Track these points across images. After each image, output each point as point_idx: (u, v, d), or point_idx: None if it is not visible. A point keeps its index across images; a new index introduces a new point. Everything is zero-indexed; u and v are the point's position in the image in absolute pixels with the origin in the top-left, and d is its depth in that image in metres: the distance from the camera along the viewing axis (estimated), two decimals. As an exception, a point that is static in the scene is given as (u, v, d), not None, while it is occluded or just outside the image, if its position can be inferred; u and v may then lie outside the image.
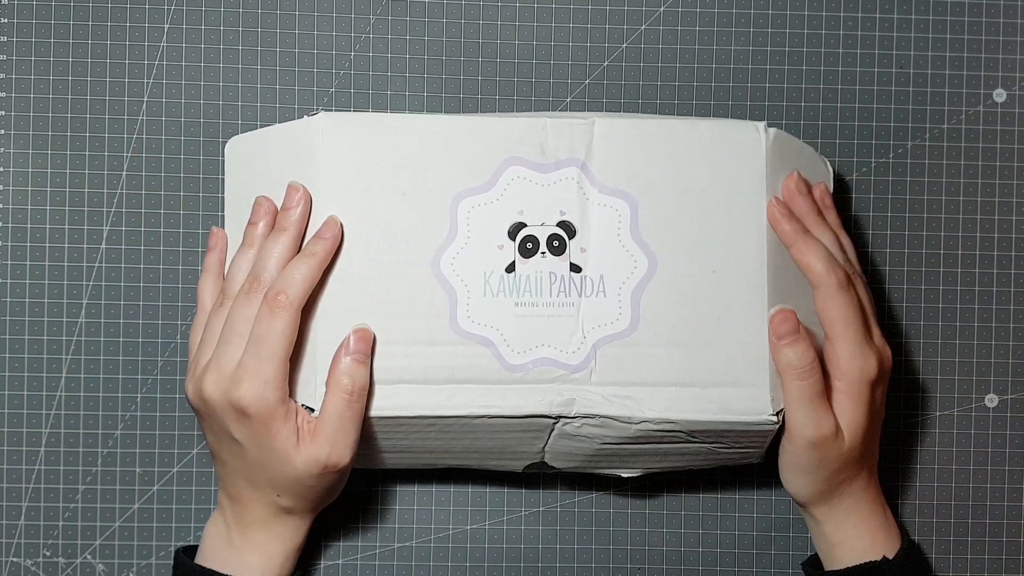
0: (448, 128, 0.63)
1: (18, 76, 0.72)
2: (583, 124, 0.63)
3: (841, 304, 0.62)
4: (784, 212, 0.63)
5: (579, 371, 0.62)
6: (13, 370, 0.72)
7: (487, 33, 0.73)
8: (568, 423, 0.62)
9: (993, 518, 0.75)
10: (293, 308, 0.59)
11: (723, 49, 0.74)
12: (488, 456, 0.66)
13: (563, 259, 0.62)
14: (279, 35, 0.73)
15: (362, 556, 0.73)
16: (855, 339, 0.62)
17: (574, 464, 0.67)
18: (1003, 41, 0.75)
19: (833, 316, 0.62)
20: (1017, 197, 0.75)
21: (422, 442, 0.64)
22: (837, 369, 0.62)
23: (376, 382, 0.61)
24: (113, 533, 0.72)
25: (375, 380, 0.61)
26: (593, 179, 0.63)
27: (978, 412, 0.75)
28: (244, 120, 0.72)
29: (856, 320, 0.62)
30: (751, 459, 0.67)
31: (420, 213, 0.62)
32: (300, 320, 0.60)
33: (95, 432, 0.72)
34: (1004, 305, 0.75)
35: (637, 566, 0.74)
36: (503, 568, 0.73)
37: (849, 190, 0.74)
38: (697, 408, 0.62)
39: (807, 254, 0.62)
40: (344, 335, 0.61)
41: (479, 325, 0.62)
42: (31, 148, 0.72)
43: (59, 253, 0.72)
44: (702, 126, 0.64)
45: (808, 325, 0.62)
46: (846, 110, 0.74)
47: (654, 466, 0.67)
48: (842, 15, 0.74)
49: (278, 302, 0.59)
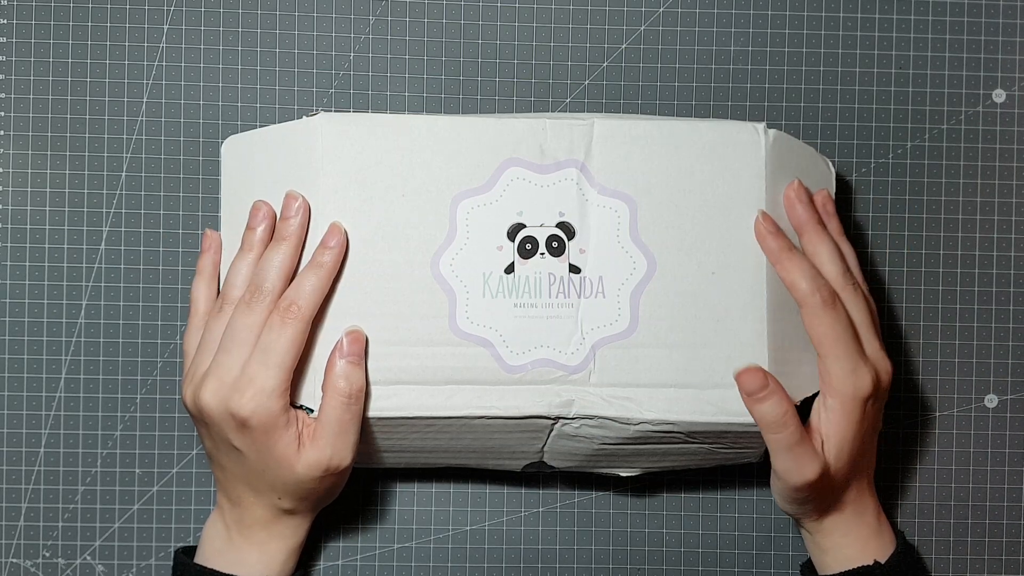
0: (447, 129, 0.63)
1: (18, 76, 0.72)
2: (582, 125, 0.63)
3: (828, 322, 0.61)
4: (770, 228, 0.62)
5: (578, 372, 0.62)
6: (13, 371, 0.72)
7: (487, 33, 0.73)
8: (567, 424, 0.62)
9: (993, 518, 0.75)
10: (304, 319, 0.59)
11: (723, 49, 0.74)
12: (487, 456, 0.66)
13: (562, 260, 0.62)
14: (279, 35, 0.73)
15: (362, 556, 0.73)
16: (845, 356, 0.61)
17: (573, 464, 0.67)
18: (1002, 41, 0.75)
19: (820, 334, 0.61)
20: (1017, 197, 0.75)
21: (421, 442, 0.64)
22: (829, 387, 0.62)
23: (375, 383, 0.61)
24: (113, 534, 0.72)
25: (374, 381, 0.61)
26: (592, 180, 0.63)
27: (978, 412, 0.75)
28: (244, 120, 0.72)
29: (845, 336, 0.61)
30: (750, 459, 0.67)
31: (419, 214, 0.62)
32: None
33: (95, 433, 0.72)
34: (1004, 305, 0.74)
35: (637, 566, 0.74)
36: (503, 568, 0.73)
37: (848, 190, 0.74)
38: (696, 409, 0.62)
39: (791, 271, 0.62)
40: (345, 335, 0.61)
41: (478, 326, 0.62)
42: (31, 148, 0.72)
43: (59, 254, 0.72)
44: (701, 127, 0.64)
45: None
46: (846, 110, 0.74)
47: (653, 466, 0.68)
48: (842, 15, 0.74)
49: (290, 312, 0.59)
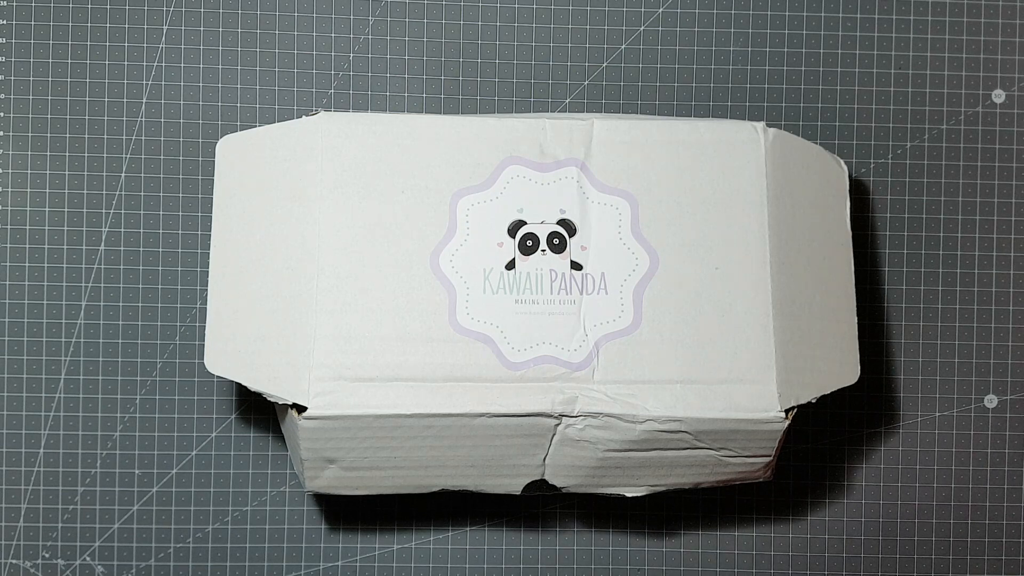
0: (447, 129, 0.63)
1: (17, 77, 0.72)
2: (582, 125, 0.63)
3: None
4: None
5: (581, 369, 0.62)
6: (12, 372, 0.71)
7: (487, 33, 0.73)
8: (570, 425, 0.62)
9: (993, 518, 0.75)
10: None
11: (723, 49, 0.74)
12: (486, 473, 0.65)
13: (563, 257, 0.62)
14: (278, 35, 0.73)
15: (362, 556, 0.73)
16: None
17: (576, 481, 0.66)
18: (1002, 42, 0.75)
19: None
20: (1016, 197, 0.75)
21: (418, 452, 0.63)
22: None
23: (374, 380, 0.61)
24: (112, 535, 0.72)
25: (372, 378, 0.61)
26: (593, 179, 0.63)
27: (978, 412, 0.75)
28: (243, 120, 0.72)
29: None
30: (757, 474, 0.66)
31: (418, 210, 0.62)
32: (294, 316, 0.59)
33: (94, 434, 0.72)
34: (1004, 305, 0.75)
35: (637, 567, 0.74)
36: (503, 568, 0.73)
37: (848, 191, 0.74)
38: (703, 406, 0.61)
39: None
40: (343, 331, 0.61)
41: (479, 322, 0.61)
42: (31, 149, 0.72)
43: (58, 254, 0.72)
44: (701, 127, 0.64)
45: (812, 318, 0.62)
46: (846, 110, 0.74)
47: (659, 482, 0.66)
48: (842, 15, 0.74)
49: None
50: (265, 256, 0.63)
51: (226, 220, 0.64)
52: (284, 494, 0.73)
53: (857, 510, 0.74)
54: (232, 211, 0.64)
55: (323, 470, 0.63)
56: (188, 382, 0.72)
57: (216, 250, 0.64)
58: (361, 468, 0.63)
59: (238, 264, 0.63)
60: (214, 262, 0.63)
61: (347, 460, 0.62)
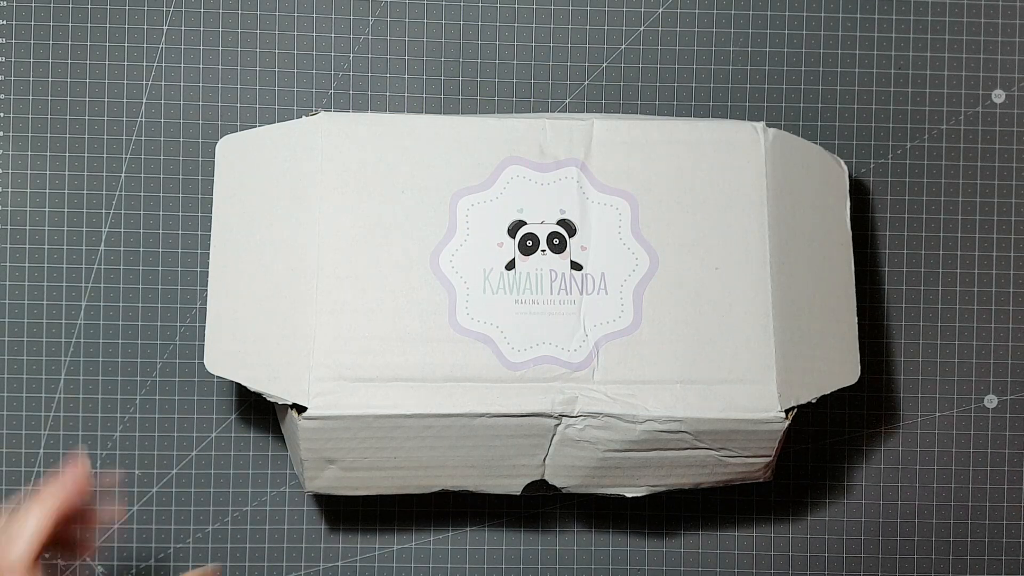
0: (447, 129, 0.63)
1: (17, 78, 0.72)
2: (582, 126, 0.63)
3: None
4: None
5: (581, 369, 0.62)
6: (12, 372, 0.71)
7: (487, 34, 0.73)
8: (571, 425, 0.62)
9: (993, 518, 0.75)
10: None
11: (723, 49, 0.74)
12: (486, 473, 0.65)
13: (563, 257, 0.62)
14: (278, 35, 0.73)
15: (362, 556, 0.73)
16: None
17: (576, 482, 0.66)
18: (1002, 42, 0.75)
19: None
20: (1016, 197, 0.75)
21: (418, 452, 0.63)
22: None
23: (374, 380, 0.61)
24: (112, 535, 0.72)
25: (372, 378, 0.61)
26: (593, 179, 0.63)
27: (977, 412, 0.75)
28: (243, 121, 0.72)
29: None
30: (758, 474, 0.66)
31: (418, 210, 0.62)
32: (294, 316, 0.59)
33: (94, 434, 0.72)
34: (1004, 305, 0.75)
35: (637, 567, 0.74)
36: (503, 568, 0.73)
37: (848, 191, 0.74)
38: (703, 405, 0.61)
39: None
40: (343, 331, 0.61)
41: (478, 322, 0.61)
42: (31, 149, 0.72)
43: (58, 255, 0.72)
44: (700, 127, 0.64)
45: (812, 318, 0.62)
46: (846, 110, 0.74)
47: (659, 483, 0.66)
48: (842, 15, 0.74)
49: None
50: (265, 256, 0.63)
51: (226, 220, 0.64)
52: (284, 494, 0.73)
53: (857, 510, 0.74)
54: (232, 211, 0.64)
55: (323, 470, 0.63)
56: (188, 382, 0.72)
57: (216, 250, 0.64)
58: (361, 468, 0.63)
59: (238, 264, 0.63)
60: (214, 262, 0.63)
61: (347, 460, 0.62)
